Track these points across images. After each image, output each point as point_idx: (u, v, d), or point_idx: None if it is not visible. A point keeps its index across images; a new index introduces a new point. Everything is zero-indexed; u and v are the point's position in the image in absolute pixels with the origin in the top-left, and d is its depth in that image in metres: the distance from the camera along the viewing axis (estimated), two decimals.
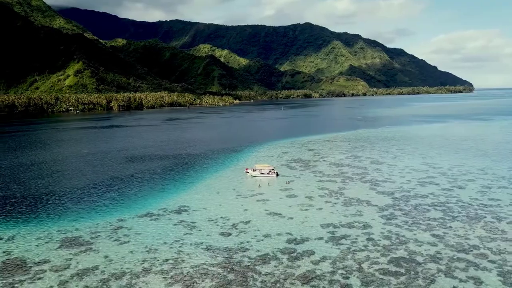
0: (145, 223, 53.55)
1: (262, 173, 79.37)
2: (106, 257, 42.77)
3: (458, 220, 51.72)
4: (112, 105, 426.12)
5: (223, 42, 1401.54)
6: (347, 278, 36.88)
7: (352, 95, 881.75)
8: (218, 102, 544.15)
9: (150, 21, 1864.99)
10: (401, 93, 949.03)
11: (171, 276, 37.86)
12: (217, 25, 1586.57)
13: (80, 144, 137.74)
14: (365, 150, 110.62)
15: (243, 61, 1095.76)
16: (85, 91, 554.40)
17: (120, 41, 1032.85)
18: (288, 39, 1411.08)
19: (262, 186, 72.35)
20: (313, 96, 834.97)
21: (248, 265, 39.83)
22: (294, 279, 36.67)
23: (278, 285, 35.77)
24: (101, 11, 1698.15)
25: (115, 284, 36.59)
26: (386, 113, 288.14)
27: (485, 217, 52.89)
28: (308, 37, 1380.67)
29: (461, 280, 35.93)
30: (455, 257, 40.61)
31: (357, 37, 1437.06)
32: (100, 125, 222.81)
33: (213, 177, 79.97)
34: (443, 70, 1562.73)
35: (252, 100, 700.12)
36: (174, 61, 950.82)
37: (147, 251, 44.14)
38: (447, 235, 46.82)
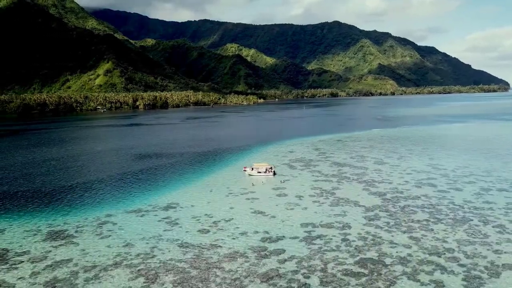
0: (131, 219, 55.09)
1: (259, 172, 79.74)
2: (83, 250, 44.41)
3: (442, 223, 50.52)
4: (138, 104, 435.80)
5: (250, 41, 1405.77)
6: (308, 277, 36.90)
7: (380, 94, 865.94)
8: (242, 101, 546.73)
9: (179, 21, 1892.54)
10: (431, 92, 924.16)
11: (138, 270, 38.97)
12: (244, 24, 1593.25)
13: (96, 141, 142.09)
14: (372, 151, 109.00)
15: (269, 60, 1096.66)
16: (114, 90, 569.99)
17: (150, 41, 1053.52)
18: (315, 38, 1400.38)
19: (256, 184, 72.76)
20: (340, 95, 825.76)
21: (215, 262, 40.45)
22: (254, 277, 37.02)
23: (237, 282, 36.23)
24: (132, 12, 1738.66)
25: (83, 276, 38.03)
26: (409, 113, 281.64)
27: (471, 220, 51.41)
28: (336, 36, 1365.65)
29: (422, 284, 35.28)
30: (425, 260, 39.82)
31: (386, 35, 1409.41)
32: (121, 123, 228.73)
33: (211, 175, 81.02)
34: (477, 68, 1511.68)
35: (277, 99, 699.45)
36: (201, 60, 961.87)
37: (123, 245, 45.50)
38: (425, 237, 45.88)
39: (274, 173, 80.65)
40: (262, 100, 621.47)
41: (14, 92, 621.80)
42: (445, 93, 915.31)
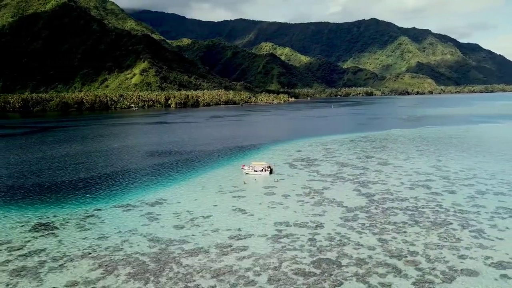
0: (117, 213, 57.31)
1: (256, 171, 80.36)
2: (59, 241, 46.87)
3: (418, 226, 49.37)
4: (170, 102, 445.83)
5: (285, 40, 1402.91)
6: (258, 275, 37.37)
7: (417, 93, 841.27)
8: (272, 100, 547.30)
9: (215, 20, 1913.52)
10: (472, 91, 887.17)
11: (100, 262, 40.78)
12: (280, 23, 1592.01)
13: (116, 138, 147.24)
14: (381, 151, 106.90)
15: (304, 59, 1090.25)
16: (149, 89, 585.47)
17: (185, 41, 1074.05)
18: (352, 36, 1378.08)
19: (248, 183, 73.45)
20: (375, 94, 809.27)
21: (175, 257, 41.66)
22: (206, 273, 37.90)
23: (187, 276, 37.26)
24: (170, 12, 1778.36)
25: (49, 266, 40.30)
26: (439, 113, 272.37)
27: (451, 223, 49.89)
28: (373, 33, 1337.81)
29: (369, 286, 34.95)
30: (382, 263, 39.28)
31: (426, 32, 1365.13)
32: (147, 122, 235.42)
33: (209, 173, 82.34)
34: None
35: (309, 98, 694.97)
36: (235, 59, 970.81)
37: (97, 238, 47.61)
38: (394, 240, 45.10)
39: (271, 172, 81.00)
40: (293, 99, 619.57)
41: (57, 91, 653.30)
42: (487, 92, 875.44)
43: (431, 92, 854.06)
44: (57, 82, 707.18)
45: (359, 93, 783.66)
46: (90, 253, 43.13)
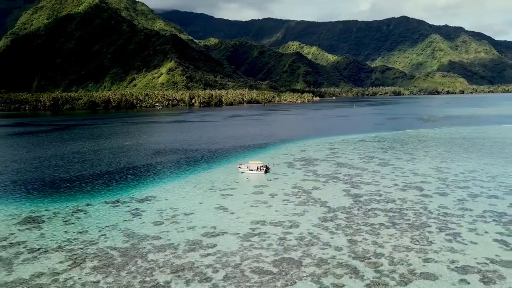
0: (104, 209, 59.18)
1: (251, 170, 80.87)
2: (42, 234, 49.01)
3: (395, 228, 48.64)
4: (193, 101, 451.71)
5: (313, 39, 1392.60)
6: (216, 272, 37.99)
7: (447, 93, 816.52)
8: (296, 99, 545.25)
9: (243, 20, 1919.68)
10: (507, 91, 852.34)
11: (72, 255, 42.42)
12: (308, 22, 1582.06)
13: (129, 136, 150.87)
14: (387, 152, 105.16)
15: (331, 58, 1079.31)
16: (175, 88, 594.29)
17: (213, 40, 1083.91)
18: (381, 34, 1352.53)
19: (240, 181, 74.12)
20: (403, 94, 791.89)
21: (144, 252, 42.82)
22: (167, 268, 38.82)
23: (148, 271, 38.30)
24: (198, 12, 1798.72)
25: (23, 257, 42.25)
26: (463, 113, 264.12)
27: (429, 226, 48.87)
28: (403, 31, 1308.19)
29: (321, 286, 34.94)
30: (343, 263, 39.09)
31: (459, 29, 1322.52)
32: (166, 120, 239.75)
33: (205, 172, 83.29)
34: None
35: (334, 98, 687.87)
36: (262, 59, 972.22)
37: (78, 232, 49.44)
38: (364, 241, 44.68)
39: (266, 171, 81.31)
40: (317, 98, 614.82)
41: (88, 89, 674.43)
42: None
43: (462, 92, 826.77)
44: (88, 81, 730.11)
45: (387, 93, 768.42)
46: (65, 246, 44.92)
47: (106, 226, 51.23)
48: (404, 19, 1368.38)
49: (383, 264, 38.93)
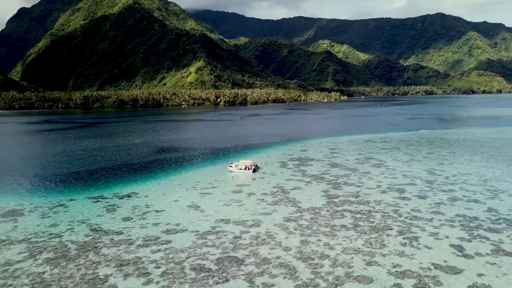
0: (84, 204, 61.45)
1: (240, 169, 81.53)
2: (14, 227, 51.65)
3: (355, 230, 48.09)
4: (219, 100, 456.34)
5: (344, 37, 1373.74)
6: (158, 267, 39.01)
7: (484, 92, 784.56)
8: (323, 98, 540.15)
9: (274, 18, 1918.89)
10: None
11: (32, 246, 44.61)
12: (339, 20, 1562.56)
13: (143, 134, 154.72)
14: (388, 153, 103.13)
15: (362, 56, 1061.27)
16: (203, 87, 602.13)
17: (242, 40, 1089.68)
18: (415, 32, 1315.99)
19: (224, 180, 74.93)
20: (436, 93, 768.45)
21: (98, 246, 44.41)
22: (113, 262, 40.21)
23: (94, 265, 39.79)
24: (230, 11, 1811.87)
25: None
26: (489, 113, 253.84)
27: (391, 229, 48.05)
28: (438, 29, 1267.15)
29: (252, 285, 35.30)
30: (284, 264, 39.19)
31: (499, 26, 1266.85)
32: (186, 119, 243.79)
33: (196, 171, 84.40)
34: None
35: (363, 97, 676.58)
36: (291, 57, 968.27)
37: (49, 225, 51.77)
38: (317, 242, 44.51)
39: (254, 171, 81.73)
40: (345, 98, 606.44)
41: (120, 88, 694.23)
42: None
43: (499, 91, 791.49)
44: (121, 80, 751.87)
45: (418, 92, 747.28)
46: (30, 239, 47.25)
47: (77, 221, 53.34)
48: (440, 16, 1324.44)
49: (324, 265, 38.77)
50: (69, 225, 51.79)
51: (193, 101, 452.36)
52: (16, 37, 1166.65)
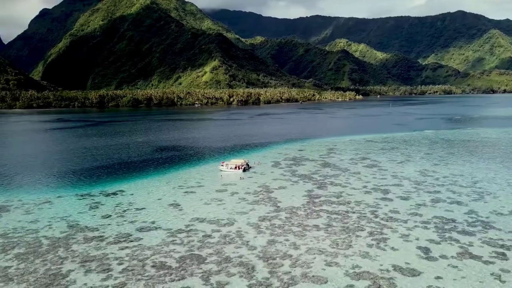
0: (70, 201, 62.85)
1: (231, 168, 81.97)
2: None
3: (326, 230, 47.91)
4: (232, 100, 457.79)
5: (362, 36, 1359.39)
6: (121, 264, 39.73)
7: (505, 91, 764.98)
8: (337, 98, 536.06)
9: (291, 18, 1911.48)
10: None
11: (8, 241, 45.85)
12: (357, 18, 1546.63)
13: (148, 133, 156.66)
14: (385, 153, 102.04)
15: (380, 55, 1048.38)
16: (218, 87, 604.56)
17: (259, 39, 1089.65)
18: (435, 30, 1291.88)
19: (211, 180, 75.39)
20: (454, 93, 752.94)
21: (70, 243, 45.43)
22: (78, 258, 41.12)
23: (60, 260, 40.75)
24: (247, 11, 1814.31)
25: None
26: (502, 113, 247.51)
27: (362, 230, 47.69)
28: (459, 27, 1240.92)
29: (206, 283, 35.67)
30: (244, 263, 39.39)
31: None
32: (195, 118, 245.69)
33: (186, 170, 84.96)
34: None
35: (378, 96, 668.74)
36: (307, 56, 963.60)
37: (30, 221, 53.11)
38: (285, 242, 44.56)
39: (244, 170, 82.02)
40: (360, 97, 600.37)
41: (137, 87, 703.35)
42: None
43: None
44: (138, 79, 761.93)
45: (436, 92, 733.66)
46: (8, 234, 48.66)
47: (58, 217, 54.63)
48: (460, 14, 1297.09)
49: (283, 265, 38.85)
50: (49, 221, 53.08)
51: (206, 101, 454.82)
52: (38, 38, 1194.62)
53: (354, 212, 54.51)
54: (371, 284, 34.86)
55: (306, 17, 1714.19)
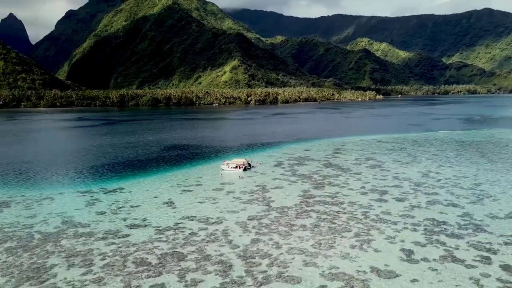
0: (69, 197, 64.45)
1: (231, 167, 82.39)
2: None
3: (312, 231, 47.67)
4: (249, 99, 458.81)
5: (384, 35, 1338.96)
6: (102, 259, 40.58)
7: None
8: (356, 97, 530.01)
9: (312, 17, 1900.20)
10: None
11: (1, 236, 47.70)
12: (379, 17, 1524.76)
13: (160, 132, 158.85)
14: (391, 154, 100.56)
15: (402, 54, 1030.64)
16: (237, 86, 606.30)
17: (279, 38, 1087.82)
18: (460, 29, 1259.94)
19: (211, 178, 75.92)
20: (479, 92, 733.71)
21: (61, 238, 46.67)
22: (65, 253, 42.23)
23: (47, 255, 41.96)
24: (268, 10, 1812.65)
25: None
26: None
27: (349, 231, 47.26)
28: (485, 25, 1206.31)
29: (180, 280, 36.13)
30: (223, 261, 39.66)
31: None
32: (210, 117, 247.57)
33: (189, 169, 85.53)
34: None
35: (400, 96, 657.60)
36: (328, 56, 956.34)
37: (26, 217, 54.77)
38: (268, 241, 44.60)
39: (245, 169, 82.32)
40: (380, 97, 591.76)
41: (158, 87, 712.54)
42: None
43: None
44: (159, 79, 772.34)
45: (460, 91, 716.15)
46: (4, 228, 50.32)
47: (55, 213, 56.18)
48: (487, 12, 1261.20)
49: (261, 264, 38.96)
50: (45, 217, 54.65)
51: (224, 100, 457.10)
52: (64, 38, 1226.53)
53: (345, 213, 54.06)
54: (344, 285, 34.62)
55: (328, 16, 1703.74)
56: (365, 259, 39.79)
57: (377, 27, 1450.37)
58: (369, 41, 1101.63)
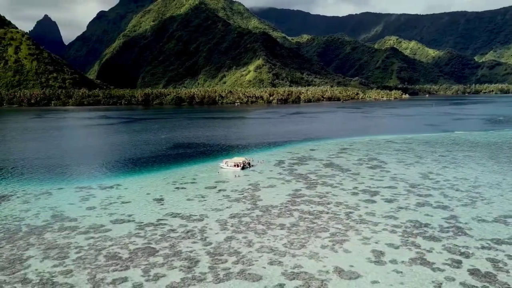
0: (67, 193, 66.71)
1: (230, 166, 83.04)
2: None
3: (289, 230, 47.65)
4: (272, 98, 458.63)
5: (414, 33, 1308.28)
6: (78, 252, 42.03)
7: None
8: (382, 97, 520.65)
9: (340, 15, 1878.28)
10: None
11: None
12: (409, 15, 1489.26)
13: (174, 130, 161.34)
14: (397, 154, 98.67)
15: (432, 53, 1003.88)
16: (261, 85, 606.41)
17: (305, 37, 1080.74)
18: (494, 26, 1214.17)
19: (206, 177, 76.79)
20: None
21: (46, 231, 48.55)
22: (45, 246, 43.93)
23: (27, 247, 43.83)
24: (295, 9, 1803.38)
25: None
26: None
27: (326, 231, 46.98)
28: None
29: (144, 274, 37.02)
30: (191, 258, 40.31)
31: None
32: (228, 116, 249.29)
33: (189, 167, 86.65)
34: None
35: (427, 95, 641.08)
36: (354, 54, 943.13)
37: (22, 210, 57.21)
38: (242, 239, 44.93)
39: (243, 168, 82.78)
40: (406, 96, 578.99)
41: (184, 86, 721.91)
42: None
43: None
44: (185, 78, 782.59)
45: (492, 91, 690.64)
46: None
47: (48, 207, 58.37)
48: None
49: (227, 261, 39.38)
50: (38, 211, 56.86)
51: (246, 99, 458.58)
52: (95, 39, 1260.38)
53: (328, 213, 53.71)
54: (301, 285, 34.58)
55: (356, 14, 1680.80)
56: (332, 259, 39.54)
57: (406, 25, 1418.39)
58: (397, 39, 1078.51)
